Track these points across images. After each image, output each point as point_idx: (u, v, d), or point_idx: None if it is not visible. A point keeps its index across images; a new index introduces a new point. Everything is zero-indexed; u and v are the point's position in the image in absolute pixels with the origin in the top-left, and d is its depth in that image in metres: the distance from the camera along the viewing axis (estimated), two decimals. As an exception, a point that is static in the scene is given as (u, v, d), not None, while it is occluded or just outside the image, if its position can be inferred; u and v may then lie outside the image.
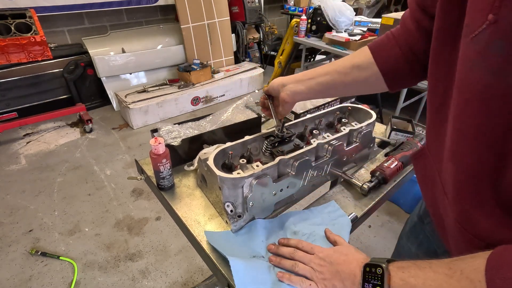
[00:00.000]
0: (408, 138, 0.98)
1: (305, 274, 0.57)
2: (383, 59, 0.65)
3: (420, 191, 0.65)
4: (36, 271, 1.63)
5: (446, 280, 0.41)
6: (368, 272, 0.50)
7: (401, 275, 0.46)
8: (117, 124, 3.14)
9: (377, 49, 0.66)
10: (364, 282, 0.50)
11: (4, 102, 2.89)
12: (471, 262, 0.39)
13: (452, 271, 0.41)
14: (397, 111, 2.44)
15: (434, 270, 0.43)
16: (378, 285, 0.48)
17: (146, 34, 3.50)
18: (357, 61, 0.68)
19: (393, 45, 0.63)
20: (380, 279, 0.48)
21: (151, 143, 0.74)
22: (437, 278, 0.42)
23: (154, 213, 2.01)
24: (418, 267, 0.45)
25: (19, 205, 2.07)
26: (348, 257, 0.56)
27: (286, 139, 0.79)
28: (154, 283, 1.59)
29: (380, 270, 0.48)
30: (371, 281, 0.49)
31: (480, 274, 0.37)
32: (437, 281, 0.42)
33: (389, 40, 0.64)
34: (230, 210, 0.67)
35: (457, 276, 0.40)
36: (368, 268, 0.51)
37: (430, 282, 0.42)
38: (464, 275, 0.39)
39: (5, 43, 2.17)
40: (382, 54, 0.65)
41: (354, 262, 0.54)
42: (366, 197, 0.82)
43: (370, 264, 0.51)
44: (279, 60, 3.68)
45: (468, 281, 0.38)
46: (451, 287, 0.40)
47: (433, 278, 0.42)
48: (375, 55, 0.65)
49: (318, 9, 2.93)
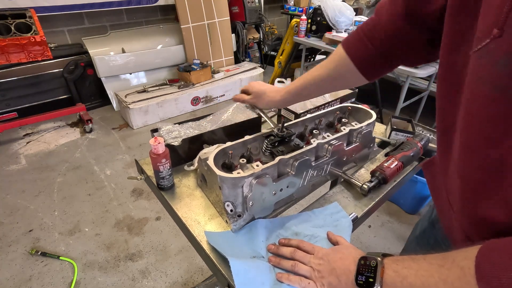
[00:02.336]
0: (408, 138, 0.98)
1: (305, 273, 0.57)
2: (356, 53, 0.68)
3: (421, 191, 0.66)
4: (36, 271, 1.63)
5: (437, 269, 0.41)
6: (363, 265, 0.51)
7: (394, 267, 0.47)
8: (117, 124, 3.14)
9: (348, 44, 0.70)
10: (357, 275, 0.50)
11: (4, 102, 2.89)
12: (464, 252, 0.40)
13: (445, 261, 0.41)
14: (397, 111, 2.44)
15: (428, 261, 0.43)
16: (370, 277, 0.48)
17: (146, 34, 3.50)
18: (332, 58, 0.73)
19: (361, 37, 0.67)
20: (373, 271, 0.48)
21: (151, 143, 0.74)
22: (429, 268, 0.42)
23: (154, 213, 2.01)
24: (412, 260, 0.46)
25: (19, 205, 2.07)
26: (345, 254, 0.56)
27: (286, 139, 0.79)
28: (154, 283, 1.59)
29: (374, 262, 0.49)
30: (364, 274, 0.49)
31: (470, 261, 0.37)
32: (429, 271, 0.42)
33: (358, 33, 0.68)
34: (230, 209, 0.67)
35: (449, 264, 0.40)
36: (362, 261, 0.51)
37: (422, 272, 0.43)
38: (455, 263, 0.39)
39: (5, 43, 2.17)
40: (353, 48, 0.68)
41: (350, 258, 0.54)
42: (366, 197, 0.82)
43: (365, 257, 0.52)
44: (279, 60, 3.68)
45: (458, 269, 0.38)
46: (442, 275, 0.40)
47: (426, 268, 0.43)
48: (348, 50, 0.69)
49: (318, 9, 2.93)
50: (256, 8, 3.98)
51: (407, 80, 2.30)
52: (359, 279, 0.50)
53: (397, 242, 1.84)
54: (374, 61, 0.67)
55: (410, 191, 1.93)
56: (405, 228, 1.93)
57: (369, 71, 0.69)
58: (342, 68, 0.71)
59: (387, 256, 0.50)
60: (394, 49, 0.63)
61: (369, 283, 0.48)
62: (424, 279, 0.42)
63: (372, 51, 0.65)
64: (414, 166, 0.94)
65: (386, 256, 0.50)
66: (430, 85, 2.73)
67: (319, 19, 2.96)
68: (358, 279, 0.50)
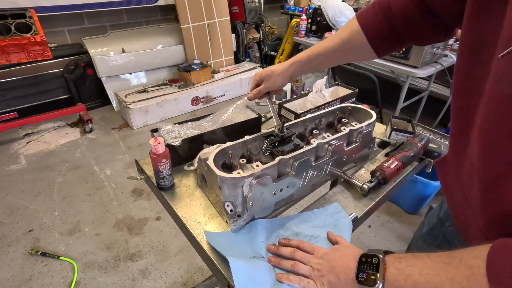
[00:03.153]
0: (408, 138, 0.98)
1: (304, 273, 0.57)
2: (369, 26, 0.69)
3: (421, 191, 0.66)
4: (36, 271, 1.63)
5: (443, 267, 0.40)
6: (364, 262, 0.50)
7: (397, 265, 0.46)
8: (117, 124, 3.14)
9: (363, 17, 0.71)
10: (358, 272, 0.49)
11: (4, 102, 2.89)
12: (472, 251, 0.39)
13: (451, 259, 0.40)
14: (397, 111, 2.43)
15: (432, 260, 0.42)
16: (372, 274, 0.47)
17: (146, 34, 3.50)
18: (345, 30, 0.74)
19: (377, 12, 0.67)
20: (375, 269, 0.47)
21: (150, 143, 0.74)
22: (435, 266, 0.41)
23: (154, 213, 2.01)
24: (416, 257, 0.45)
25: (19, 205, 2.07)
26: (344, 253, 0.56)
27: (286, 139, 0.79)
28: (154, 283, 1.59)
29: (376, 260, 0.48)
30: (365, 271, 0.48)
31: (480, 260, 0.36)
32: (434, 269, 0.41)
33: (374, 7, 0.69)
34: (230, 209, 0.67)
35: (456, 263, 0.39)
36: (364, 259, 0.50)
37: (427, 271, 0.41)
38: (463, 262, 0.38)
39: (5, 43, 2.17)
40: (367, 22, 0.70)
41: (349, 256, 0.54)
42: (366, 197, 0.82)
43: (366, 254, 0.51)
44: (279, 60, 3.68)
45: (466, 268, 0.37)
46: (449, 274, 0.39)
47: (430, 266, 0.41)
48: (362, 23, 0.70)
49: (318, 9, 2.93)
50: (256, 8, 3.98)
51: (407, 80, 2.29)
52: (360, 276, 0.49)
53: (397, 242, 1.84)
54: (386, 36, 0.68)
55: (410, 191, 1.93)
56: (405, 228, 1.93)
57: (379, 46, 0.71)
58: (355, 41, 0.72)
59: (388, 253, 0.49)
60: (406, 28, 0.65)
61: (371, 281, 0.47)
62: (429, 277, 0.41)
63: (385, 26, 0.67)
64: (414, 166, 0.94)
65: (387, 254, 0.49)
66: (430, 85, 2.73)
67: (319, 19, 2.96)
68: (359, 276, 0.49)
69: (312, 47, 0.79)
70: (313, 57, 0.79)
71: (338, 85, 1.38)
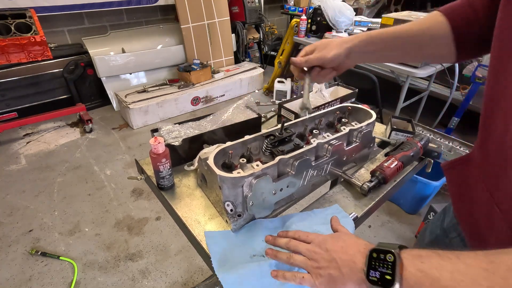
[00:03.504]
0: (408, 138, 0.98)
1: (300, 265, 0.51)
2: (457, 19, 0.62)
3: (421, 191, 0.64)
4: (36, 271, 1.63)
5: (486, 276, 0.33)
6: (376, 258, 0.42)
7: (419, 265, 0.38)
8: (117, 124, 3.14)
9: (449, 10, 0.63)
10: (369, 269, 0.42)
11: (4, 102, 2.89)
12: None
13: (493, 265, 0.33)
14: (397, 111, 2.43)
15: (465, 262, 0.35)
16: (387, 274, 0.40)
17: (146, 34, 3.50)
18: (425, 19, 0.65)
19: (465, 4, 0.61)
20: (391, 267, 0.40)
21: (151, 143, 0.74)
22: (470, 272, 0.34)
23: (154, 213, 2.01)
24: (441, 257, 0.37)
25: (19, 205, 2.07)
26: (346, 242, 0.49)
27: (286, 139, 0.79)
28: (154, 283, 1.59)
29: (391, 257, 0.41)
30: (378, 269, 0.41)
31: None
32: (471, 275, 0.34)
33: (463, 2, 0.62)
34: (230, 209, 0.67)
35: (502, 271, 0.32)
36: (375, 254, 0.43)
37: (461, 277, 0.34)
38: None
39: (5, 43, 2.17)
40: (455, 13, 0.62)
41: (353, 248, 0.47)
42: (366, 197, 0.82)
43: (378, 249, 0.43)
44: (279, 60, 3.68)
45: None
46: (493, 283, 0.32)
47: (464, 271, 0.34)
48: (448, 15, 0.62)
49: (318, 9, 2.93)
50: (256, 8, 3.98)
51: (407, 80, 2.29)
52: (372, 274, 0.42)
53: (397, 242, 1.84)
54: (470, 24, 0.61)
55: (410, 191, 1.93)
56: (405, 228, 1.94)
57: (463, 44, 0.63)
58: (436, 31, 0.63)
59: (403, 248, 0.42)
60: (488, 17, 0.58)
61: (386, 281, 0.40)
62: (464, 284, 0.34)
63: (471, 14, 0.60)
64: (414, 166, 0.94)
65: (402, 249, 0.42)
66: (430, 85, 2.73)
67: (319, 19, 2.96)
68: (370, 275, 0.42)
69: (383, 29, 0.67)
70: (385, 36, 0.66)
71: (338, 85, 1.38)
